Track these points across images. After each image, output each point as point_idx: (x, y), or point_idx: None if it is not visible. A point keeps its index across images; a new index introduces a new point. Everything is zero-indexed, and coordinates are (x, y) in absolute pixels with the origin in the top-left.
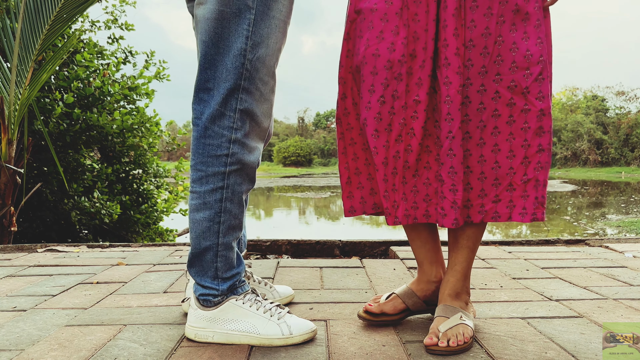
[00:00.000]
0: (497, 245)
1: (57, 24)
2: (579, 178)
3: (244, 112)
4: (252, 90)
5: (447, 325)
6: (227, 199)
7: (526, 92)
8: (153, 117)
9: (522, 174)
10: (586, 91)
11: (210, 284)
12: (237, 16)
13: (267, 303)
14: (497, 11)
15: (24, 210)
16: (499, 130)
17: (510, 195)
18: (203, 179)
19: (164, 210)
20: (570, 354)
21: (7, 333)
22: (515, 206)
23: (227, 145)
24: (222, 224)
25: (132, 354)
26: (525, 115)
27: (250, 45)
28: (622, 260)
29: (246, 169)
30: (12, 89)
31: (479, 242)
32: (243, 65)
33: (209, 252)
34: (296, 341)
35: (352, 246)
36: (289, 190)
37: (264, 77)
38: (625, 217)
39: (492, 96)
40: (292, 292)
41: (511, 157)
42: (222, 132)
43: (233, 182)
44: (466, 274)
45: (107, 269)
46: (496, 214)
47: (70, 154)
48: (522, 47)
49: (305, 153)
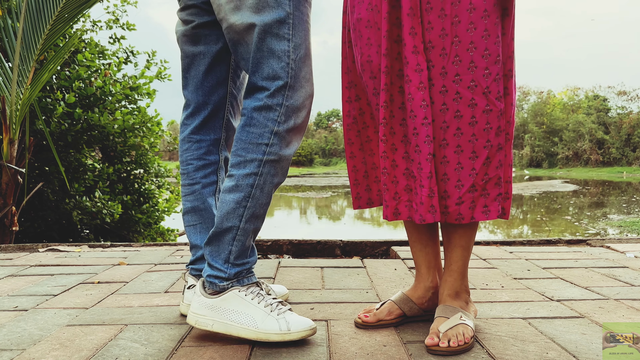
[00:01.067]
0: (498, 245)
1: (59, 23)
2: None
3: (290, 108)
4: (296, 87)
5: (447, 326)
6: (258, 186)
7: (487, 91)
8: (154, 117)
9: (483, 174)
10: (588, 91)
11: (221, 266)
12: (278, 22)
13: (270, 298)
14: (450, 12)
15: (25, 209)
16: (462, 132)
17: (472, 196)
18: (241, 163)
19: (165, 210)
20: (572, 354)
21: (9, 333)
22: (476, 206)
23: (268, 135)
24: (247, 209)
25: (133, 353)
26: (487, 116)
27: (292, 47)
28: (623, 260)
29: (282, 162)
30: (13, 89)
31: (471, 240)
32: (288, 65)
33: (228, 233)
34: (293, 337)
35: (353, 246)
36: (290, 190)
37: (306, 74)
38: (627, 217)
39: (454, 97)
40: (286, 292)
41: (474, 158)
42: (266, 123)
43: (267, 171)
44: (463, 273)
45: (108, 268)
46: (460, 216)
47: (72, 154)
48: (480, 46)
49: (307, 153)
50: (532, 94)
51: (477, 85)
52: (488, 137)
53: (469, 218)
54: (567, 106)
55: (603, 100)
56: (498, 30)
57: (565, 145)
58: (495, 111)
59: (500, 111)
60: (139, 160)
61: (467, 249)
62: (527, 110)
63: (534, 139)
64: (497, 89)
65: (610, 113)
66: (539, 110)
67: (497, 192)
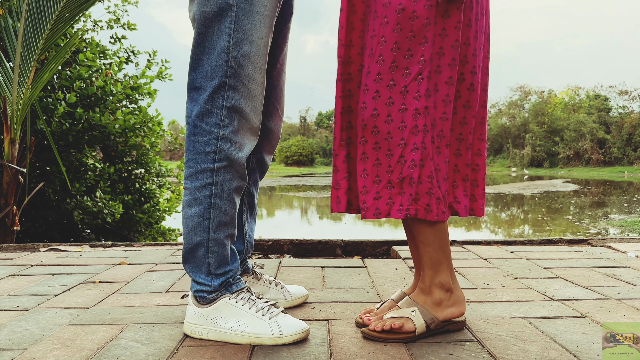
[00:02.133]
0: (499, 244)
1: (59, 23)
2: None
3: (231, 109)
4: (238, 87)
5: (393, 314)
6: (217, 195)
7: (404, 90)
8: (155, 117)
9: (398, 173)
10: (589, 90)
11: (204, 280)
12: (218, 15)
13: (261, 302)
14: (381, 13)
15: (26, 209)
16: (378, 130)
17: (390, 193)
18: (193, 175)
19: (166, 209)
20: (573, 354)
21: (10, 332)
22: (394, 203)
23: (214, 142)
24: (212, 220)
25: (134, 353)
26: (402, 115)
27: (233, 42)
28: (624, 260)
29: (235, 166)
30: (14, 89)
31: (430, 237)
32: (227, 62)
33: (200, 248)
34: (286, 341)
35: (354, 246)
36: (291, 189)
37: (250, 73)
38: (628, 217)
39: (373, 95)
40: (305, 293)
41: (389, 155)
42: (210, 129)
43: (222, 178)
44: (434, 268)
45: (109, 268)
46: (377, 211)
47: (73, 154)
48: (404, 47)
49: (307, 152)
50: (533, 94)
51: (396, 85)
52: (402, 135)
53: (385, 214)
54: (568, 106)
55: (604, 99)
56: (427, 31)
57: (567, 145)
58: (410, 110)
59: (415, 110)
60: (140, 160)
61: (428, 245)
62: (528, 109)
63: (534, 138)
64: (417, 88)
65: (612, 113)
66: (540, 109)
67: (410, 192)
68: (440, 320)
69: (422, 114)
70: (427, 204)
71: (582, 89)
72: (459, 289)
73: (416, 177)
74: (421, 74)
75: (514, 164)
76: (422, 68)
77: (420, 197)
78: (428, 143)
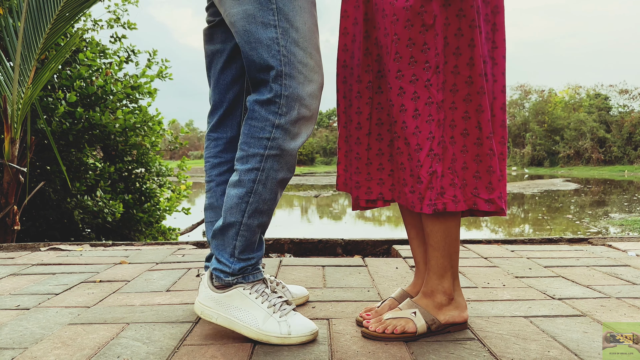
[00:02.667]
0: (499, 243)
1: (60, 22)
2: (582, 176)
3: (290, 97)
4: (294, 74)
5: (393, 315)
6: (260, 182)
7: (428, 84)
8: (155, 116)
9: (428, 167)
10: (589, 89)
11: (226, 261)
12: (260, 10)
13: (274, 297)
14: (390, 11)
15: (27, 209)
16: (406, 125)
17: (420, 188)
18: (244, 158)
19: (166, 209)
20: (573, 352)
21: (11, 331)
22: (424, 198)
23: (269, 129)
24: (250, 204)
25: (135, 352)
26: (429, 108)
27: (280, 33)
28: (625, 259)
29: (285, 156)
30: (14, 88)
31: (442, 240)
32: (279, 52)
33: (231, 228)
34: (293, 342)
35: (354, 245)
36: (292, 188)
37: (303, 59)
38: (629, 216)
39: (398, 92)
40: (306, 293)
41: (418, 150)
42: (267, 116)
43: (270, 166)
44: (438, 274)
45: (109, 267)
46: (412, 204)
47: (73, 153)
48: (419, 42)
49: (308, 152)
50: (533, 93)
51: (419, 79)
52: (430, 129)
53: (418, 208)
54: (568, 105)
55: (604, 98)
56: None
57: (567, 144)
58: (436, 103)
59: (436, 102)
60: (140, 159)
61: (438, 250)
62: (528, 109)
63: (535, 137)
64: (438, 81)
65: (612, 112)
66: (540, 109)
67: (440, 185)
68: (442, 322)
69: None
70: (453, 195)
71: (583, 88)
72: (461, 296)
73: (440, 171)
74: (438, 67)
75: (514, 163)
76: (438, 61)
77: (445, 191)
78: (447, 136)
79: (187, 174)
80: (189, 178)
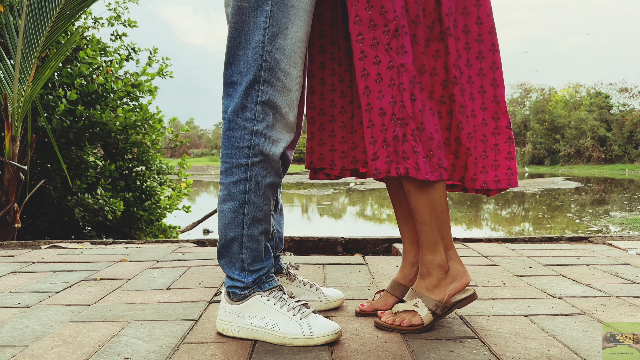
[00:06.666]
0: (499, 242)
1: (60, 20)
2: (583, 175)
3: (266, 104)
4: (273, 81)
5: (399, 309)
6: (251, 191)
7: (388, 48)
8: (156, 114)
9: (392, 131)
10: (589, 88)
11: (237, 276)
12: (254, 9)
13: (293, 302)
14: None
15: (27, 206)
16: (370, 90)
17: (386, 151)
18: (228, 170)
19: (167, 207)
20: (573, 351)
21: (11, 329)
22: (392, 161)
23: (249, 137)
24: (246, 215)
25: (136, 350)
26: (390, 72)
27: (268, 37)
28: (625, 257)
29: (269, 161)
30: (15, 86)
31: (429, 214)
32: (262, 57)
33: (234, 243)
34: (317, 342)
35: (354, 243)
36: (292, 187)
37: (285, 67)
38: (629, 215)
39: (359, 56)
40: (342, 295)
41: (382, 114)
42: (244, 124)
43: (256, 174)
44: (430, 247)
45: (110, 265)
46: (377, 171)
47: (74, 151)
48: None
49: None
50: (533, 91)
51: (379, 43)
52: (392, 93)
53: (385, 172)
54: (569, 103)
55: (605, 97)
56: None
57: (567, 143)
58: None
59: (396, 66)
60: (141, 157)
61: (425, 224)
62: (528, 107)
63: (535, 136)
64: (397, 45)
65: (613, 110)
66: (541, 107)
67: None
68: (444, 301)
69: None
70: (415, 162)
71: (583, 86)
72: (457, 263)
73: (401, 135)
74: (397, 30)
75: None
76: (397, 24)
77: (408, 156)
78: (415, 99)
79: (187, 172)
80: (190, 176)
